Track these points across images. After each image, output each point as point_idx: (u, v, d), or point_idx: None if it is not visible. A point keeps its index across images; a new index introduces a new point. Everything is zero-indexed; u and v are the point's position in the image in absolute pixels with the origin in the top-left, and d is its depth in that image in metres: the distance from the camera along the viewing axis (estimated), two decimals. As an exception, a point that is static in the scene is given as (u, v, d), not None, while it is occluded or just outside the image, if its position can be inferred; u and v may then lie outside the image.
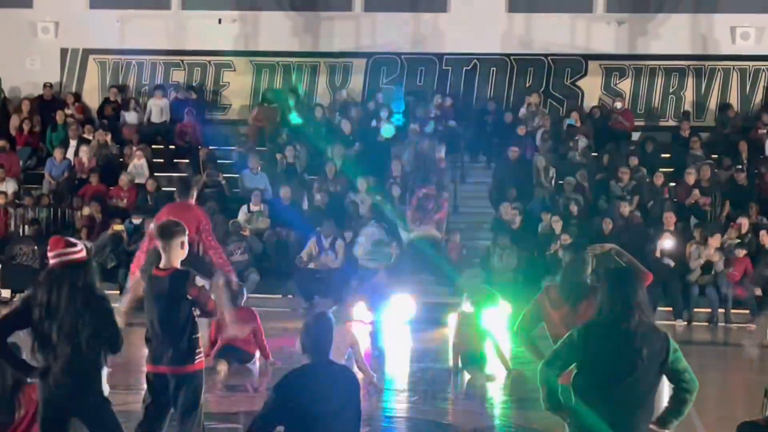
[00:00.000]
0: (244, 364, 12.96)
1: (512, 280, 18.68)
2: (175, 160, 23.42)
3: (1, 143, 22.88)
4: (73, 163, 22.52)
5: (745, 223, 19.52)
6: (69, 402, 6.45)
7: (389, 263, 18.74)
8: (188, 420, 7.14)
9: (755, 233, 19.45)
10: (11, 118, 24.11)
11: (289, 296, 19.60)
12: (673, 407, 5.81)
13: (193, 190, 11.86)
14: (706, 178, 20.63)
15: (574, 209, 20.07)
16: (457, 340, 12.94)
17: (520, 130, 22.44)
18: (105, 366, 6.65)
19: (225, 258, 12.06)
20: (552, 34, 23.97)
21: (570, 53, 24.09)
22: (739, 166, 21.37)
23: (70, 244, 6.62)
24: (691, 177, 20.61)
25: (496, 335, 12.88)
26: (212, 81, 24.95)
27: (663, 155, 22.57)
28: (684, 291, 18.83)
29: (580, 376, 5.75)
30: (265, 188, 21.15)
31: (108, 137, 22.96)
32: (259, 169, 21.66)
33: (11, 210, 21.20)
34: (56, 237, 6.72)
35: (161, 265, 7.29)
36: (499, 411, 11.64)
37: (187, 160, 23.00)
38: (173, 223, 7.54)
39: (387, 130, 22.36)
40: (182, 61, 24.93)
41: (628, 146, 22.56)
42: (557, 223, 19.40)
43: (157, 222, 9.55)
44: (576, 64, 24.14)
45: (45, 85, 24.52)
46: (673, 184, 21.22)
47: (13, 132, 23.83)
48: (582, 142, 22.12)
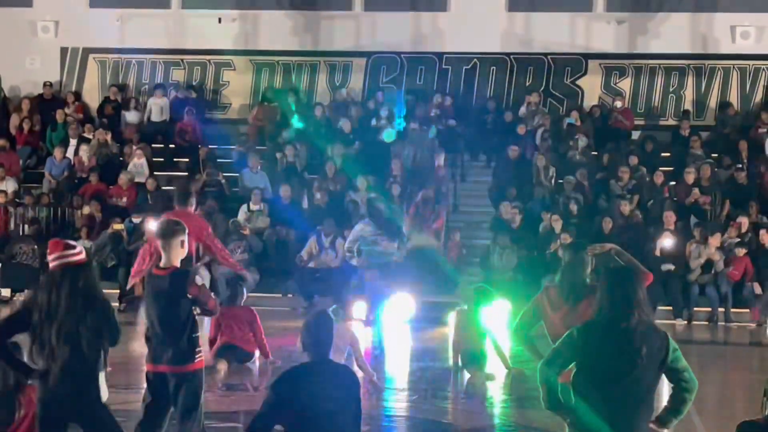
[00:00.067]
0: (243, 363, 12.97)
1: (512, 280, 18.67)
2: (175, 159, 23.44)
3: (1, 142, 22.87)
4: (73, 162, 22.52)
5: (745, 222, 19.53)
6: (67, 405, 6.44)
7: (381, 261, 18.50)
8: (188, 420, 7.14)
9: (755, 232, 19.45)
10: (11, 117, 24.10)
11: (289, 295, 19.60)
12: (673, 406, 5.81)
13: (192, 197, 11.78)
14: (706, 178, 20.62)
15: (573, 208, 20.07)
16: (456, 338, 12.93)
17: (520, 129, 22.45)
18: (104, 368, 6.64)
19: (233, 259, 12.09)
20: (552, 33, 23.97)
21: (570, 52, 24.09)
22: (739, 165, 21.37)
23: (69, 246, 6.62)
24: (690, 176, 20.60)
25: (496, 334, 12.87)
26: (212, 80, 24.95)
27: (663, 154, 22.57)
28: (684, 290, 18.83)
29: (580, 375, 5.75)
30: (265, 187, 21.14)
31: (108, 136, 22.95)
32: (259, 168, 21.66)
33: (11, 209, 21.18)
34: (55, 240, 6.72)
35: (161, 264, 7.29)
36: (499, 410, 11.64)
37: (187, 159, 23.01)
38: (173, 222, 7.54)
39: (388, 135, 22.28)
40: (182, 60, 24.93)
41: (628, 145, 22.56)
42: (557, 222, 19.39)
43: (153, 236, 9.49)
44: (576, 63, 24.14)
45: (45, 84, 24.52)
46: (673, 183, 21.20)
47: (13, 131, 23.83)
48: (582, 141, 22.12)
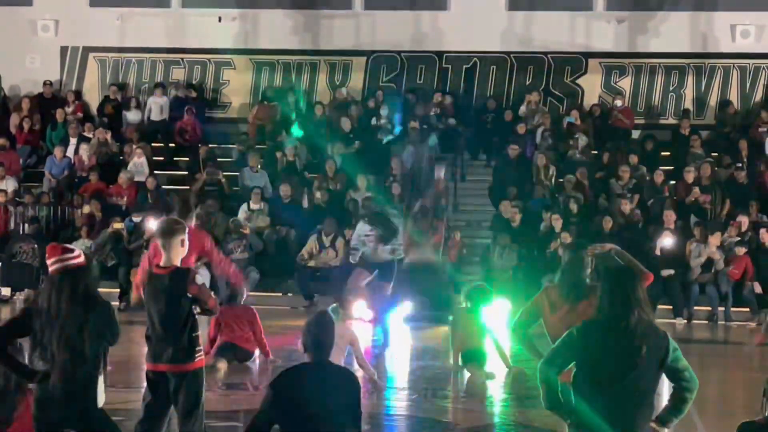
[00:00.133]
0: (243, 362, 12.98)
1: (512, 279, 18.68)
2: (175, 158, 23.45)
3: (1, 141, 22.87)
4: (73, 161, 22.52)
5: (745, 221, 19.53)
6: (64, 408, 6.43)
7: (375, 262, 18.28)
8: (189, 420, 7.11)
9: (755, 231, 19.46)
10: (11, 116, 24.10)
11: (289, 294, 19.62)
12: (673, 406, 5.80)
13: (193, 211, 11.64)
14: (706, 177, 20.62)
15: (573, 207, 20.06)
16: (456, 337, 12.92)
17: (520, 128, 22.45)
18: (104, 369, 6.64)
19: (237, 271, 12.07)
20: (552, 32, 23.96)
21: (570, 51, 24.09)
22: (739, 164, 21.37)
23: (67, 250, 6.62)
24: (690, 175, 20.61)
25: (497, 332, 12.87)
26: (212, 79, 24.94)
27: (663, 153, 22.58)
28: (684, 289, 18.83)
29: (580, 375, 5.73)
30: (265, 186, 21.15)
31: (108, 135, 22.95)
32: (259, 167, 21.67)
33: (11, 208, 21.18)
34: (53, 244, 6.71)
35: (162, 263, 7.29)
36: (499, 409, 11.64)
37: (187, 159, 23.02)
38: (173, 221, 7.54)
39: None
40: (182, 59, 24.92)
41: (628, 144, 22.56)
42: (557, 221, 19.39)
43: (152, 251, 9.41)
44: (576, 62, 24.13)
45: (45, 83, 24.52)
46: (673, 182, 21.21)
47: (13, 130, 23.83)
48: (582, 140, 22.12)
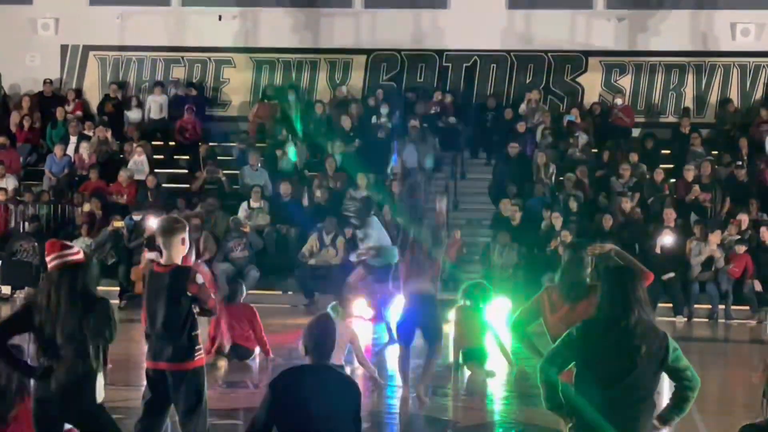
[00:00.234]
0: (243, 361, 12.99)
1: (512, 277, 18.68)
2: (175, 157, 23.45)
3: (2, 140, 22.87)
4: (73, 159, 22.51)
5: (745, 219, 19.53)
6: (64, 404, 6.43)
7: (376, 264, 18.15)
8: (191, 420, 7.09)
9: (755, 229, 19.47)
10: (11, 114, 24.10)
11: (290, 292, 19.63)
12: (675, 404, 5.80)
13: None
14: (706, 175, 20.62)
15: (573, 206, 20.06)
16: (457, 335, 12.94)
17: (520, 127, 22.43)
18: (104, 367, 6.63)
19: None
20: (552, 30, 23.95)
21: (570, 50, 24.08)
22: (740, 163, 21.36)
23: (66, 246, 6.62)
24: (691, 173, 20.61)
25: (499, 330, 12.86)
26: (212, 77, 24.93)
27: (663, 151, 22.57)
28: (684, 287, 18.84)
29: (580, 375, 5.73)
30: (265, 185, 21.14)
31: (108, 134, 22.94)
32: (259, 165, 21.67)
33: (11, 206, 21.18)
34: (52, 240, 6.71)
35: (162, 262, 7.29)
36: (499, 407, 11.64)
37: (188, 157, 23.02)
38: (174, 220, 7.54)
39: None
40: (182, 57, 24.91)
41: (629, 143, 22.55)
42: (557, 220, 19.40)
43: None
44: (576, 60, 24.13)
45: (45, 82, 24.51)
46: (673, 180, 21.21)
47: (13, 128, 23.82)
48: (582, 138, 22.12)
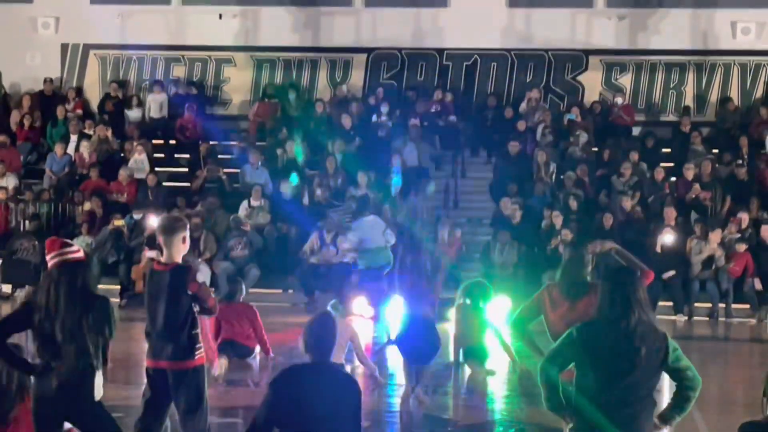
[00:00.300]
0: (244, 359, 12.99)
1: (512, 276, 18.68)
2: (175, 156, 23.45)
3: (2, 138, 22.87)
4: (73, 158, 22.51)
5: (745, 217, 19.54)
6: (63, 402, 6.43)
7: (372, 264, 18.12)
8: (191, 417, 7.08)
9: (756, 228, 19.47)
10: (12, 113, 24.11)
11: (290, 291, 19.63)
12: (676, 404, 5.80)
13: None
14: (706, 173, 20.62)
15: (574, 204, 20.06)
16: (457, 334, 12.94)
17: (521, 125, 22.44)
18: (104, 365, 6.64)
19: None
20: (552, 29, 23.96)
21: (570, 48, 24.08)
22: (740, 161, 21.37)
23: (66, 244, 6.63)
24: (691, 172, 20.61)
25: (500, 328, 12.84)
26: (213, 76, 24.94)
27: (663, 150, 22.59)
28: (684, 286, 18.83)
29: (580, 375, 5.73)
30: (266, 183, 21.15)
31: (108, 132, 22.95)
32: (259, 164, 21.67)
33: (12, 205, 21.18)
34: (52, 238, 6.72)
35: (162, 260, 7.29)
36: (499, 405, 11.64)
37: (188, 156, 23.02)
38: (174, 219, 7.55)
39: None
40: (183, 56, 24.91)
41: (629, 141, 22.56)
42: (558, 219, 19.40)
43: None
44: (576, 59, 24.12)
45: (45, 81, 24.52)
46: (673, 179, 21.21)
47: (13, 127, 23.84)
48: (582, 137, 22.11)
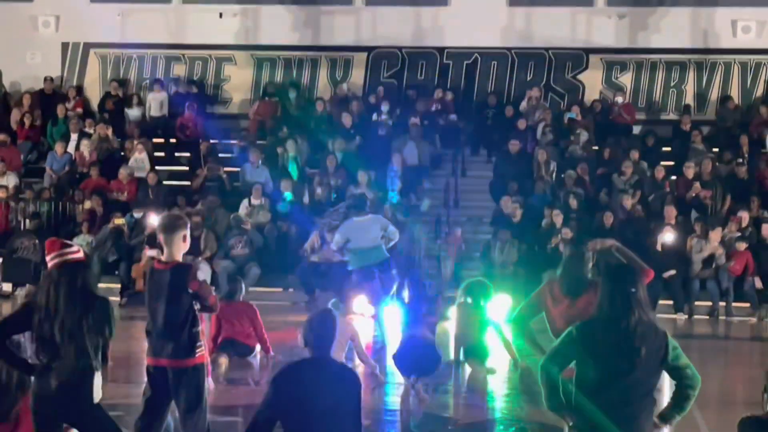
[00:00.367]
0: (244, 358, 12.99)
1: (513, 274, 18.67)
2: (176, 154, 23.46)
3: (2, 137, 22.88)
4: (74, 156, 22.52)
5: (745, 216, 19.54)
6: (62, 402, 6.43)
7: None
8: (191, 416, 7.08)
9: (756, 227, 19.47)
10: (12, 112, 24.12)
11: (290, 290, 19.62)
12: (676, 403, 5.80)
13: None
14: (707, 172, 20.62)
15: (574, 203, 20.07)
16: (458, 332, 12.94)
17: (521, 124, 22.45)
18: (104, 364, 6.64)
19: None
20: (553, 27, 23.96)
21: (571, 47, 24.07)
22: (740, 160, 21.36)
23: (66, 245, 6.63)
24: (691, 171, 20.62)
25: (502, 326, 12.85)
26: (213, 75, 24.94)
27: (664, 149, 22.59)
28: (685, 284, 18.83)
29: (581, 374, 5.72)
30: (266, 182, 21.15)
31: (109, 131, 22.95)
32: (259, 162, 21.68)
33: (12, 204, 21.18)
34: (52, 239, 6.72)
35: (163, 259, 7.29)
36: (500, 404, 11.64)
37: (188, 154, 23.02)
38: (175, 217, 7.55)
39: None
40: (183, 55, 24.92)
41: (629, 140, 22.55)
42: (558, 217, 19.40)
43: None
44: (577, 57, 24.12)
45: (46, 79, 24.52)
46: (674, 177, 21.21)
47: (14, 126, 23.84)
48: (583, 135, 22.12)
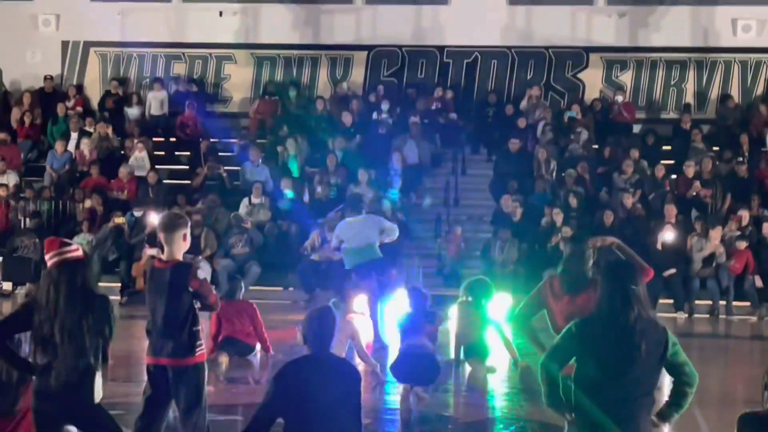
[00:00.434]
0: (244, 356, 12.99)
1: (513, 273, 18.67)
2: (176, 153, 23.46)
3: (3, 136, 22.87)
4: (74, 155, 22.52)
5: (746, 215, 19.54)
6: (62, 402, 6.43)
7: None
8: (191, 415, 7.07)
9: (756, 225, 19.47)
10: (12, 110, 24.11)
11: (290, 288, 19.62)
12: (674, 401, 5.80)
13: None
14: (707, 171, 20.62)
15: (574, 202, 20.06)
16: (458, 331, 12.95)
17: (521, 123, 22.45)
18: (104, 364, 6.64)
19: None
20: (553, 26, 23.95)
21: (571, 45, 24.07)
22: (740, 159, 21.37)
23: (65, 244, 6.63)
24: (691, 169, 20.62)
25: (502, 325, 12.85)
26: (213, 73, 24.94)
27: (664, 148, 22.59)
28: (685, 283, 18.83)
29: (580, 371, 5.72)
30: (266, 180, 21.15)
31: (109, 130, 22.95)
32: (260, 161, 21.68)
33: (12, 203, 21.18)
34: (51, 238, 6.72)
35: (163, 257, 7.29)
36: (500, 403, 11.64)
37: (189, 153, 23.02)
38: (175, 216, 7.54)
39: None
40: (183, 53, 24.91)
41: (630, 139, 22.55)
42: (558, 216, 19.40)
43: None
44: (577, 56, 24.12)
45: (46, 78, 24.52)
46: (674, 176, 21.21)
47: (14, 125, 23.84)
48: (583, 134, 22.12)
